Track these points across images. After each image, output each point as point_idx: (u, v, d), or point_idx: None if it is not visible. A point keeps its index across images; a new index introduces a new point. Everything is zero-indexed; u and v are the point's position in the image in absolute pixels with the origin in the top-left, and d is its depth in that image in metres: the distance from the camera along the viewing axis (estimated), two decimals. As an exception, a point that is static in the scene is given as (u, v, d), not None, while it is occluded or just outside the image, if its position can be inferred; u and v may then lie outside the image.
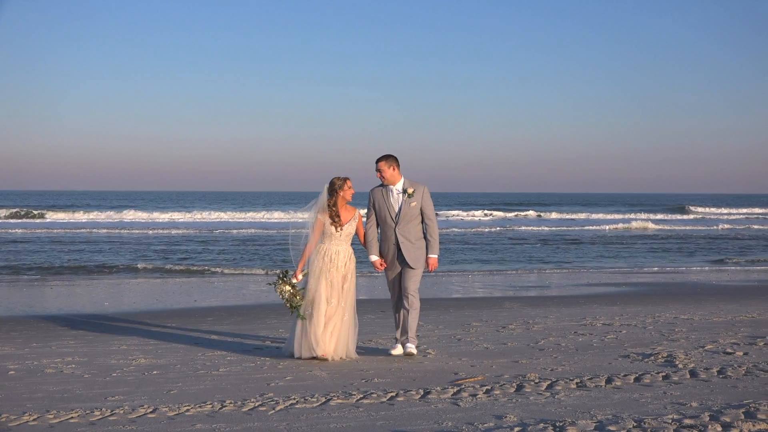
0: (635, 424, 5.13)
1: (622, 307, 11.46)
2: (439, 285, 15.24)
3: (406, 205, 7.71)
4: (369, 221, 7.86)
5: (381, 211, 7.79)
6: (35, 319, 10.56)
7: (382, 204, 7.78)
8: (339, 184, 7.69)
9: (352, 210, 7.79)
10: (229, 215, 48.91)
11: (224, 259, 21.29)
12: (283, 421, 5.38)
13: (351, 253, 7.73)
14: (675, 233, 34.85)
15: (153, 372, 7.07)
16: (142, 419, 5.45)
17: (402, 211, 7.71)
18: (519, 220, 47.49)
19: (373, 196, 7.87)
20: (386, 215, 7.75)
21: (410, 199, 7.70)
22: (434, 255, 7.79)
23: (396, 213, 7.72)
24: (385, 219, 7.77)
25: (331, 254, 7.61)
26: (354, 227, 7.76)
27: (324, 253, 7.60)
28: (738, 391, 6.14)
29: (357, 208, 7.85)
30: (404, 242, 7.70)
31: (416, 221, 7.75)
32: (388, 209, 7.74)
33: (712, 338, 8.61)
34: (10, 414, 5.56)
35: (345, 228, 7.67)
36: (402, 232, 7.69)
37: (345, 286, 7.60)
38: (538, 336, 8.91)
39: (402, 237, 7.69)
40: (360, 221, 7.82)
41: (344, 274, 7.60)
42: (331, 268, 7.57)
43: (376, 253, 7.83)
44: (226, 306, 12.03)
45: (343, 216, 7.70)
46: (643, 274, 18.05)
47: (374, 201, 7.85)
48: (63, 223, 39.76)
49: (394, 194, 7.77)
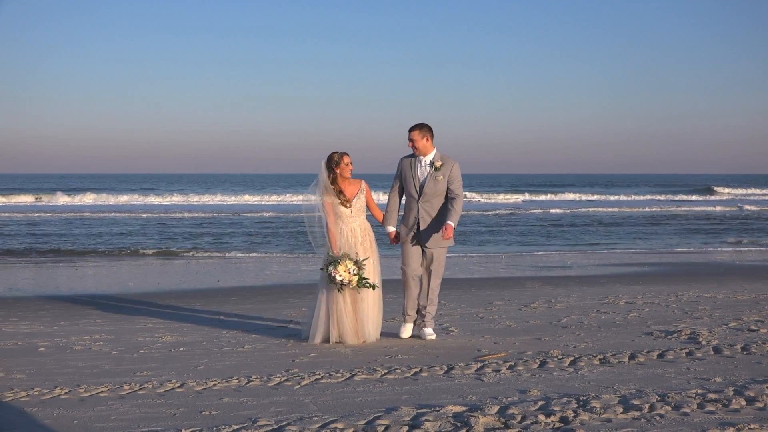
0: (659, 398, 5.15)
1: (644, 287, 11.44)
2: (460, 265, 15.25)
3: (431, 178, 7.33)
4: (392, 190, 7.58)
5: (406, 182, 7.46)
6: (62, 299, 10.71)
7: (408, 174, 7.43)
8: (336, 159, 7.35)
9: (357, 182, 7.47)
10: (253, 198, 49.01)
11: (247, 241, 21.42)
12: (308, 395, 5.45)
13: (368, 227, 7.47)
14: (697, 214, 34.59)
15: (179, 349, 7.17)
16: (170, 393, 5.54)
17: (426, 185, 7.33)
18: (540, 202, 47.30)
19: (402, 166, 7.53)
20: (410, 187, 7.42)
21: (437, 172, 7.32)
22: (452, 223, 7.29)
23: (420, 186, 7.36)
24: (409, 191, 7.45)
25: (347, 234, 7.35)
26: (363, 200, 7.46)
27: (341, 234, 7.34)
28: (762, 366, 6.14)
29: (362, 180, 7.54)
30: (425, 218, 7.36)
31: (440, 197, 7.37)
32: (414, 181, 7.39)
33: (736, 316, 8.59)
34: (42, 388, 5.67)
35: (354, 203, 7.38)
36: (425, 207, 7.35)
37: (370, 262, 7.30)
38: (561, 314, 8.92)
39: (424, 212, 7.36)
40: (368, 192, 7.51)
41: (367, 248, 7.35)
42: (353, 248, 7.31)
43: (392, 225, 7.57)
44: (248, 286, 12.13)
45: (348, 191, 7.40)
46: (665, 254, 17.97)
47: (401, 170, 7.52)
48: (82, 206, 40.11)
49: (422, 166, 7.40)
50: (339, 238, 7.33)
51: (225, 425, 4.69)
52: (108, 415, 4.97)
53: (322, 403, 5.24)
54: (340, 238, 7.33)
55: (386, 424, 4.66)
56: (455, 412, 4.90)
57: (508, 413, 4.84)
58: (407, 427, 4.62)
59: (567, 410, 4.89)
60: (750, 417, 4.72)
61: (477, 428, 4.55)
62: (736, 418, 4.70)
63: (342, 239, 7.33)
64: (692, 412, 4.83)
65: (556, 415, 4.80)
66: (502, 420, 4.71)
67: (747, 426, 4.51)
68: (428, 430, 4.56)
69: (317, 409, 5.06)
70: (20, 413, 5.04)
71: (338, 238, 7.32)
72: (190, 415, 4.98)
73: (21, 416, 4.97)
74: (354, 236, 7.35)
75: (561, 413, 4.83)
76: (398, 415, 4.84)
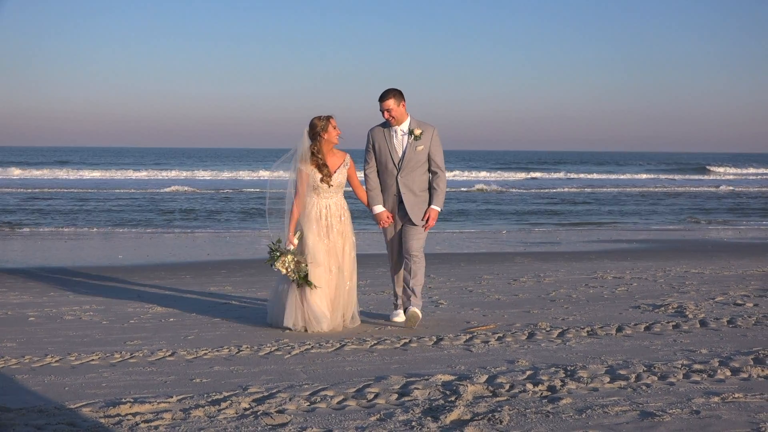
0: (645, 368, 5.21)
1: (632, 262, 11.52)
2: (449, 240, 15.30)
3: (411, 149, 6.63)
4: (369, 166, 6.76)
5: (381, 155, 6.70)
6: (51, 270, 10.69)
7: (384, 146, 6.67)
8: (321, 125, 6.48)
9: (342, 155, 6.66)
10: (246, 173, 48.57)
11: (237, 215, 21.40)
12: (299, 364, 5.49)
13: (345, 205, 6.67)
14: (688, 193, 34.73)
15: (170, 319, 7.19)
16: (161, 362, 5.57)
17: (406, 156, 6.63)
18: (530, 181, 47.35)
19: (373, 137, 6.74)
20: (387, 160, 6.67)
21: (417, 141, 6.62)
22: (437, 207, 6.74)
23: (399, 158, 6.65)
24: (386, 165, 6.69)
25: (321, 210, 6.53)
26: (345, 175, 6.62)
27: (313, 210, 6.52)
28: (747, 339, 6.22)
29: (347, 152, 6.74)
30: (407, 193, 6.67)
31: (422, 169, 6.71)
32: (390, 153, 6.66)
33: (723, 291, 8.67)
34: (33, 356, 5.69)
35: (334, 178, 6.54)
36: (405, 182, 6.66)
37: (345, 247, 6.60)
38: (549, 288, 8.98)
39: (404, 187, 6.66)
40: (352, 167, 6.72)
41: (341, 231, 6.58)
42: (325, 228, 6.53)
43: (380, 203, 6.76)
44: (238, 260, 12.14)
45: (330, 163, 6.56)
46: (653, 231, 18.07)
47: (374, 142, 6.73)
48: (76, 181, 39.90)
49: (398, 136, 6.68)
50: (304, 217, 6.52)
51: (216, 392, 4.72)
52: (99, 383, 5.00)
53: (312, 372, 5.28)
54: (307, 217, 6.50)
55: (376, 392, 4.70)
56: (444, 381, 4.95)
57: (496, 382, 4.89)
58: (397, 394, 4.67)
59: (555, 379, 4.94)
60: (735, 387, 4.79)
61: (466, 396, 4.60)
62: (721, 388, 4.76)
63: (308, 217, 6.51)
64: (678, 382, 4.90)
65: (544, 384, 4.85)
66: (491, 389, 4.77)
67: (732, 395, 4.58)
68: (417, 397, 4.61)
69: (307, 378, 5.10)
70: (10, 380, 5.05)
71: (303, 218, 6.52)
72: (181, 382, 5.01)
73: (11, 383, 4.99)
74: (327, 214, 6.54)
75: (549, 382, 4.88)
76: (388, 384, 4.88)
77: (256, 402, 4.52)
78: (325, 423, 4.17)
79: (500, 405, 4.43)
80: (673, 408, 4.35)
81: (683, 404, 4.43)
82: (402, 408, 4.40)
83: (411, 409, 4.37)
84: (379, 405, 4.48)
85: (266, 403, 4.50)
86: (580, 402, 4.49)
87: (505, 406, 4.39)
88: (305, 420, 4.22)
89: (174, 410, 4.36)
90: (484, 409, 4.36)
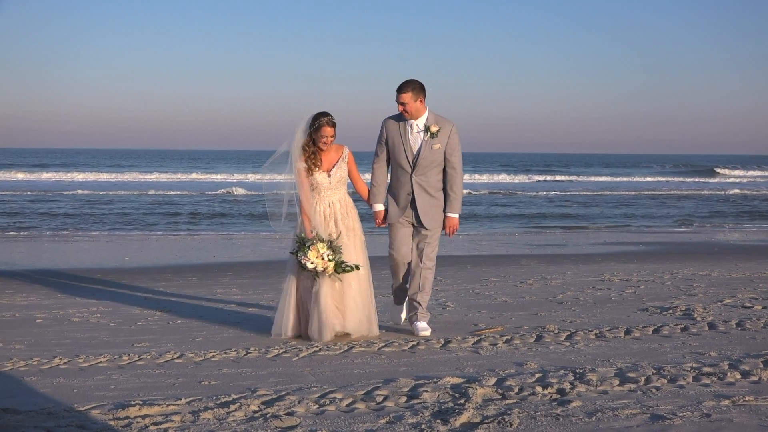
0: (654, 371, 5.19)
1: (639, 265, 11.49)
2: (455, 243, 15.29)
3: (426, 146, 6.21)
4: (377, 159, 6.37)
5: (395, 151, 6.28)
6: (57, 273, 10.71)
7: (398, 142, 6.25)
8: (316, 124, 6.17)
9: (339, 148, 6.32)
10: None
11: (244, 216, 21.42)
12: (307, 366, 5.48)
13: (350, 202, 6.37)
14: (696, 196, 34.65)
15: (177, 321, 7.19)
16: (169, 364, 5.56)
17: (421, 154, 6.22)
18: (537, 184, 47.31)
19: (387, 129, 6.31)
20: (401, 157, 6.26)
21: (433, 139, 6.20)
22: (455, 214, 6.36)
23: (414, 156, 6.24)
24: (399, 162, 6.28)
25: (324, 209, 6.26)
26: (345, 169, 6.31)
27: (317, 211, 6.25)
28: (757, 342, 6.19)
29: (345, 146, 6.38)
30: (420, 194, 6.27)
31: (438, 168, 6.30)
32: (405, 150, 6.24)
33: (731, 293, 8.64)
34: (41, 358, 5.69)
35: (334, 173, 6.25)
36: (419, 181, 6.26)
37: (354, 243, 6.26)
38: (557, 290, 8.96)
39: (418, 187, 6.26)
40: (351, 161, 6.37)
41: (350, 227, 6.28)
42: (330, 226, 6.24)
43: (381, 202, 6.40)
44: (244, 262, 12.14)
45: (326, 159, 6.26)
46: (660, 233, 18.02)
47: (388, 135, 6.31)
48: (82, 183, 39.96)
49: (414, 131, 6.25)
50: (313, 216, 6.24)
51: (225, 394, 4.72)
52: (107, 384, 4.99)
53: (320, 374, 5.27)
54: (314, 216, 6.24)
55: (385, 395, 4.69)
56: (453, 383, 4.93)
57: (505, 385, 4.88)
58: (406, 397, 4.66)
59: (564, 382, 4.93)
60: (745, 390, 4.77)
61: (475, 399, 4.59)
62: (731, 391, 4.74)
63: (315, 217, 6.23)
64: (688, 385, 4.88)
65: (553, 387, 4.84)
66: (500, 391, 4.75)
67: (742, 398, 4.56)
68: (426, 400, 4.60)
69: (316, 380, 5.09)
70: (19, 382, 5.06)
71: (312, 216, 6.24)
72: (189, 384, 5.01)
73: (20, 385, 4.99)
74: (330, 212, 6.27)
75: (558, 385, 4.87)
76: (396, 386, 4.87)
77: (265, 404, 4.51)
78: (334, 425, 4.16)
79: (510, 408, 4.42)
80: (683, 411, 4.33)
81: (693, 407, 4.41)
82: (411, 411, 4.39)
83: (420, 412, 4.36)
84: (388, 407, 4.47)
85: (275, 405, 4.49)
86: (589, 405, 4.47)
87: (514, 409, 4.38)
88: (314, 422, 4.21)
89: (183, 412, 4.36)
90: (493, 412, 4.35)
